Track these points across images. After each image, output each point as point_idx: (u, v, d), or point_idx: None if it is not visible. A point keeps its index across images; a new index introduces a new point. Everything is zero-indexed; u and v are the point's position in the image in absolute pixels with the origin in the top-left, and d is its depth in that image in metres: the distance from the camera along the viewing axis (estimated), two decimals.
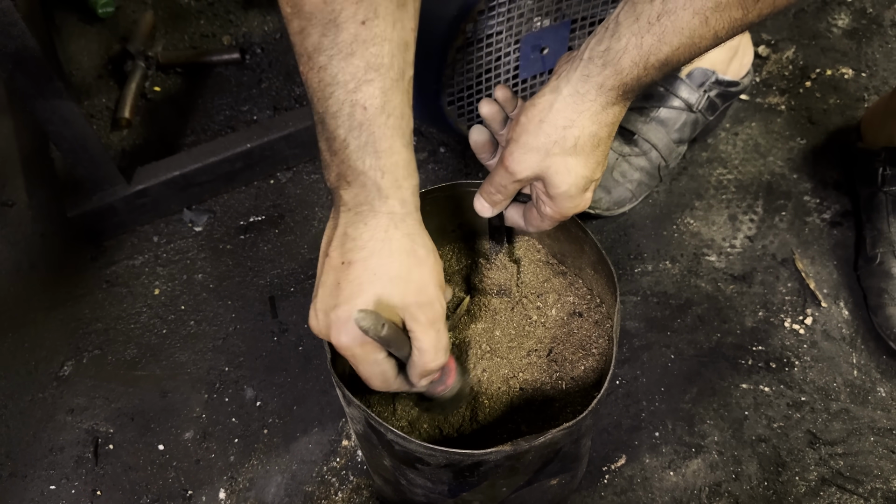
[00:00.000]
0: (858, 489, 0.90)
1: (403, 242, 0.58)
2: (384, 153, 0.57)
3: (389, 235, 0.58)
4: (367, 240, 0.57)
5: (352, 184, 0.58)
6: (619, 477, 0.91)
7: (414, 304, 0.58)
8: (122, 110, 1.22)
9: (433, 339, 0.59)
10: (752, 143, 1.22)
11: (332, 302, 0.57)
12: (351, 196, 0.58)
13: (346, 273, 0.57)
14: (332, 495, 0.90)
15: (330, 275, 0.58)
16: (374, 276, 0.57)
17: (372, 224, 0.58)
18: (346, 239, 0.58)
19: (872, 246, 1.04)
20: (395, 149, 0.58)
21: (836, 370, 0.99)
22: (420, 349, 0.59)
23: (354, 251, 0.57)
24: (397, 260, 0.58)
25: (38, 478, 0.91)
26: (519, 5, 0.90)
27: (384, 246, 0.57)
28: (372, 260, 0.57)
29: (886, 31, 1.37)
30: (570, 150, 0.62)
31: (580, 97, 0.60)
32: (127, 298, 1.06)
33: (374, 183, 0.57)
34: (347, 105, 0.55)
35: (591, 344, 0.78)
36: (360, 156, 0.56)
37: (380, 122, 0.56)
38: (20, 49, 0.85)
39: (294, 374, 0.99)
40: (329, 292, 0.58)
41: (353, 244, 0.57)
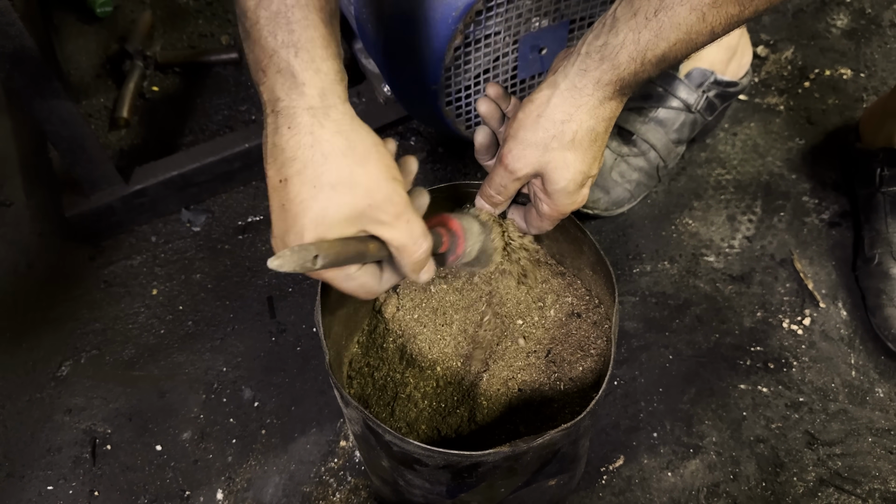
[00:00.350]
0: (856, 490, 0.90)
1: (335, 142, 0.52)
2: (297, 24, 0.51)
3: (317, 138, 0.52)
4: (295, 148, 0.52)
5: (267, 71, 0.52)
6: (618, 477, 0.91)
7: (368, 208, 0.53)
8: (121, 110, 1.22)
9: (405, 234, 0.55)
10: (751, 143, 1.22)
11: (283, 227, 0.53)
12: (268, 89, 0.52)
13: (285, 192, 0.52)
14: (330, 496, 0.90)
15: (274, 198, 0.54)
16: (314, 188, 0.52)
17: (295, 127, 0.52)
18: (275, 150, 0.53)
19: (871, 246, 1.04)
20: (311, 21, 0.52)
21: (835, 371, 0.99)
22: (396, 248, 0.55)
23: (286, 165, 0.52)
24: (333, 164, 0.52)
25: (36, 478, 0.91)
26: (517, 5, 0.90)
27: (314, 151, 0.52)
28: (306, 171, 0.52)
29: (885, 32, 1.37)
30: (568, 145, 0.62)
31: (577, 91, 0.60)
32: (125, 298, 1.06)
33: (287, 65, 0.51)
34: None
35: (589, 344, 0.78)
36: (272, 29, 0.51)
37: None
38: (18, 49, 0.85)
39: (292, 375, 0.99)
40: (278, 216, 0.53)
41: (282, 156, 0.52)
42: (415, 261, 0.56)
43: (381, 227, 0.54)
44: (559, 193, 0.65)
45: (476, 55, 0.94)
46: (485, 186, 0.69)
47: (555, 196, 0.66)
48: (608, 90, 0.60)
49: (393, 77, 1.02)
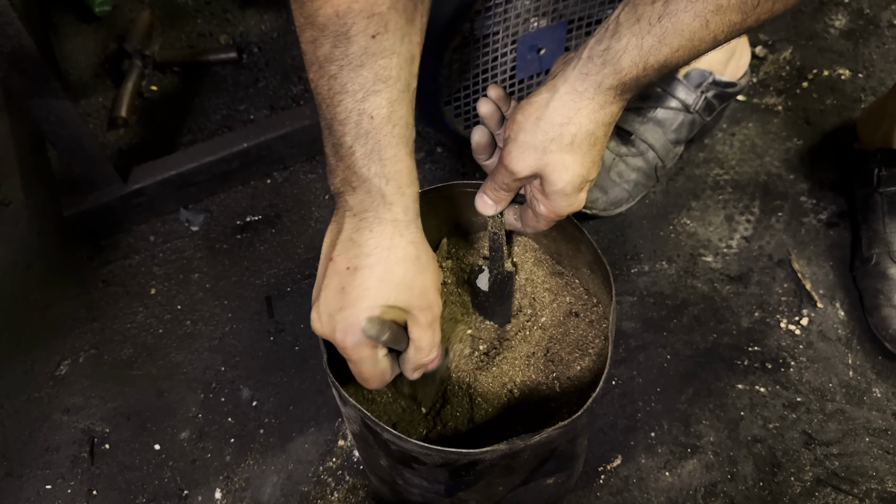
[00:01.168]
0: (853, 490, 0.90)
1: (408, 250, 0.60)
2: (389, 161, 0.58)
3: (394, 243, 0.59)
4: (374, 247, 0.59)
5: (357, 189, 0.59)
6: (615, 477, 0.91)
7: (416, 308, 0.61)
8: (119, 109, 1.22)
9: (430, 339, 0.63)
10: (749, 143, 1.22)
11: (337, 305, 0.59)
12: (356, 201, 0.59)
13: (351, 278, 0.59)
14: (329, 495, 0.90)
15: (334, 279, 0.60)
16: (381, 282, 0.59)
17: (377, 231, 0.59)
18: (352, 245, 0.59)
19: (868, 247, 1.04)
20: (400, 157, 0.59)
21: (832, 371, 0.99)
22: (418, 347, 0.63)
23: (360, 258, 0.59)
24: (402, 267, 0.60)
25: (34, 477, 0.91)
26: (516, 6, 0.90)
27: (390, 254, 0.59)
28: (378, 267, 0.59)
29: (883, 32, 1.37)
30: (566, 148, 0.62)
31: (578, 95, 0.61)
32: (123, 298, 1.06)
33: (378, 190, 0.58)
34: (355, 114, 0.57)
35: (587, 344, 0.78)
36: (366, 163, 0.58)
37: (385, 132, 0.58)
38: (16, 48, 0.85)
39: (290, 374, 0.99)
40: (334, 296, 0.59)
41: (358, 251, 0.59)
42: (422, 362, 0.64)
43: (416, 327, 0.62)
44: (556, 195, 0.65)
45: (475, 55, 0.94)
46: (488, 183, 0.70)
47: (552, 197, 0.66)
48: (609, 94, 0.60)
49: None
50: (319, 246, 1.10)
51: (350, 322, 0.58)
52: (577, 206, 0.67)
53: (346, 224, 0.60)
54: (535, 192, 0.68)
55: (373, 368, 0.62)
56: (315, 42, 0.55)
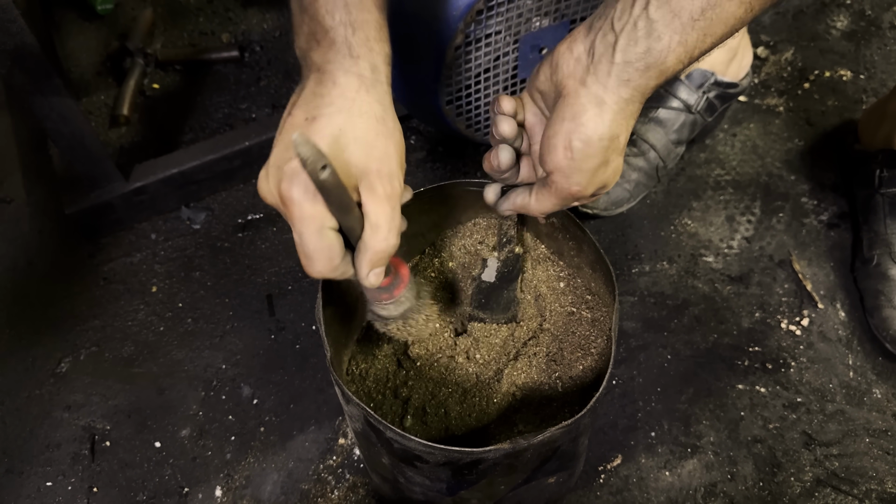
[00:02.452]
0: (853, 490, 0.90)
1: (374, 107, 0.56)
2: (354, 7, 0.55)
3: (359, 97, 0.55)
4: (336, 97, 0.54)
5: (321, 42, 0.55)
6: (615, 476, 0.91)
7: (374, 172, 0.54)
8: (121, 107, 1.22)
9: (388, 215, 0.55)
10: (750, 144, 1.22)
11: (288, 155, 0.53)
12: (320, 56, 0.55)
13: (307, 128, 0.54)
14: (329, 493, 0.90)
15: (288, 133, 0.55)
16: (339, 130, 0.53)
17: (342, 83, 0.55)
18: (313, 97, 0.55)
19: (869, 248, 1.04)
20: (366, 5, 0.55)
21: (832, 371, 1.00)
22: (373, 224, 0.54)
23: (320, 108, 0.54)
24: (364, 121, 0.55)
25: (35, 474, 0.91)
26: (518, 5, 0.90)
27: (352, 105, 0.54)
28: (338, 116, 0.54)
29: (885, 34, 1.37)
30: (620, 151, 0.61)
31: (626, 102, 0.57)
32: (124, 296, 1.06)
33: (344, 40, 0.54)
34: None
35: (589, 343, 0.78)
36: (330, 9, 0.54)
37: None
38: (19, 46, 0.85)
39: (291, 373, 0.99)
40: (286, 147, 0.54)
41: (319, 101, 0.54)
42: (379, 249, 0.55)
43: (372, 196, 0.54)
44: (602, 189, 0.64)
45: (477, 54, 0.94)
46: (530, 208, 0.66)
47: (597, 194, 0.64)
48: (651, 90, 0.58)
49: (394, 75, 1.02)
50: None
51: (297, 170, 0.51)
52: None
53: (310, 80, 0.56)
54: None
55: (317, 238, 0.53)
56: None
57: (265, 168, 0.55)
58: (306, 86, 0.56)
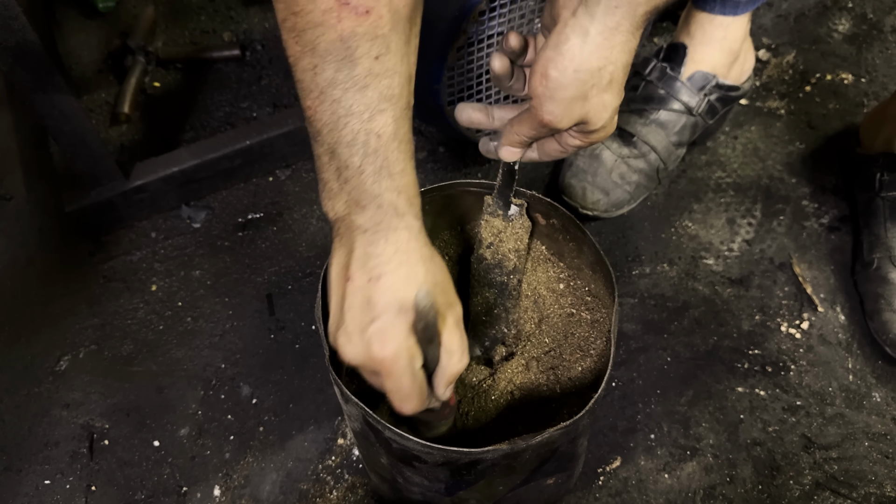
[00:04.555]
0: (852, 494, 0.90)
1: (425, 252, 0.59)
2: (398, 175, 0.58)
3: (412, 246, 0.58)
4: (392, 253, 0.57)
5: (366, 207, 0.58)
6: (614, 478, 0.91)
7: (443, 306, 0.59)
8: (122, 105, 1.22)
9: (459, 340, 0.60)
10: (752, 146, 1.22)
11: (367, 318, 0.56)
12: (366, 219, 0.58)
13: (376, 287, 0.57)
14: (327, 493, 0.90)
15: (356, 295, 0.57)
16: (407, 282, 0.57)
17: (393, 239, 0.58)
18: (368, 258, 0.58)
19: (870, 251, 1.04)
20: (407, 171, 0.59)
21: (832, 375, 1.00)
22: (449, 350, 0.59)
23: (380, 266, 0.57)
24: (424, 266, 0.58)
25: (33, 472, 0.91)
26: (520, 6, 0.90)
27: (409, 256, 0.58)
28: (401, 270, 0.57)
29: (887, 37, 1.37)
30: (606, 88, 0.61)
31: (610, 32, 0.59)
32: (124, 294, 1.06)
33: (390, 203, 0.58)
34: (363, 134, 0.56)
35: (588, 345, 0.78)
36: (377, 179, 0.57)
37: (393, 148, 0.57)
38: (20, 43, 0.85)
39: (290, 372, 0.99)
40: (360, 311, 0.57)
41: (377, 260, 0.57)
42: (455, 371, 0.60)
43: (445, 327, 0.59)
44: (597, 132, 0.65)
45: (479, 55, 0.94)
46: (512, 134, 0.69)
47: (591, 135, 0.66)
48: (641, 20, 0.58)
49: None
50: (321, 244, 1.11)
51: (385, 330, 0.55)
52: (612, 130, 0.67)
53: (357, 242, 0.58)
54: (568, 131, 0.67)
55: (413, 381, 0.58)
56: (315, 69, 0.55)
57: (344, 334, 0.58)
58: (355, 247, 0.58)
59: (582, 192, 1.08)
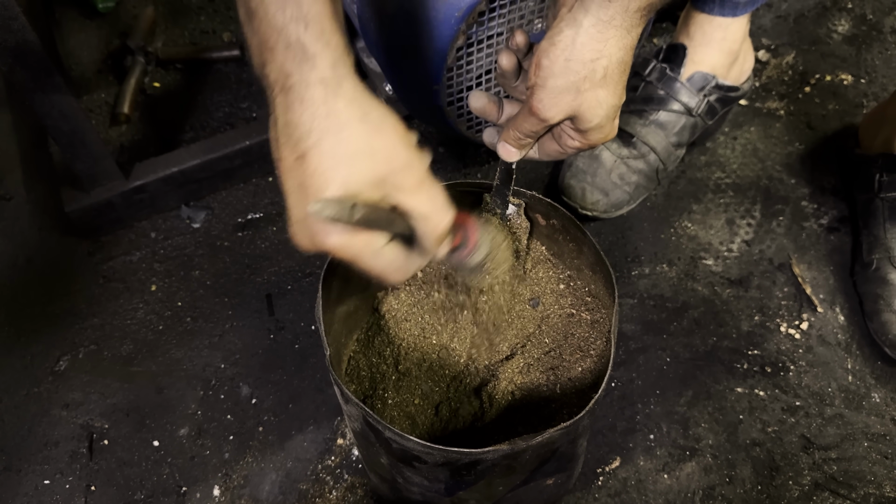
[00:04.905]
0: (851, 494, 0.90)
1: (350, 111, 0.51)
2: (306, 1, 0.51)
3: (330, 108, 0.51)
4: (310, 120, 0.50)
5: (274, 49, 0.51)
6: (613, 479, 0.91)
7: (389, 175, 0.52)
8: (121, 106, 1.22)
9: (428, 200, 0.54)
10: (751, 147, 1.22)
11: (303, 206, 0.51)
12: (276, 67, 0.51)
13: (303, 168, 0.51)
14: (327, 493, 0.90)
15: (290, 178, 0.52)
16: (333, 159, 0.50)
17: (307, 99, 0.50)
18: (289, 128, 0.51)
19: (869, 252, 1.04)
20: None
21: (831, 375, 1.00)
22: (420, 216, 0.53)
23: (302, 140, 0.50)
24: (351, 132, 0.51)
25: (33, 472, 0.91)
26: (520, 7, 0.90)
27: (330, 122, 0.50)
28: (324, 142, 0.50)
29: (886, 38, 1.37)
30: (599, 83, 0.60)
31: (604, 25, 0.58)
32: (123, 294, 1.06)
33: (297, 39, 0.50)
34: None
35: (588, 345, 0.78)
36: (280, 4, 0.50)
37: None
38: (20, 43, 0.85)
39: (290, 372, 0.99)
40: (297, 198, 0.51)
41: (297, 132, 0.51)
42: (439, 232, 0.54)
43: (404, 195, 0.53)
44: (593, 130, 0.64)
45: (478, 56, 0.94)
46: (511, 130, 0.67)
47: (588, 133, 0.64)
48: (636, 17, 0.58)
49: (395, 76, 1.02)
50: None
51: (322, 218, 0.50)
52: (612, 134, 0.66)
53: (277, 107, 0.52)
54: (565, 129, 0.66)
55: (378, 260, 0.52)
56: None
57: (292, 224, 0.53)
58: (277, 114, 0.52)
59: (581, 193, 1.08)
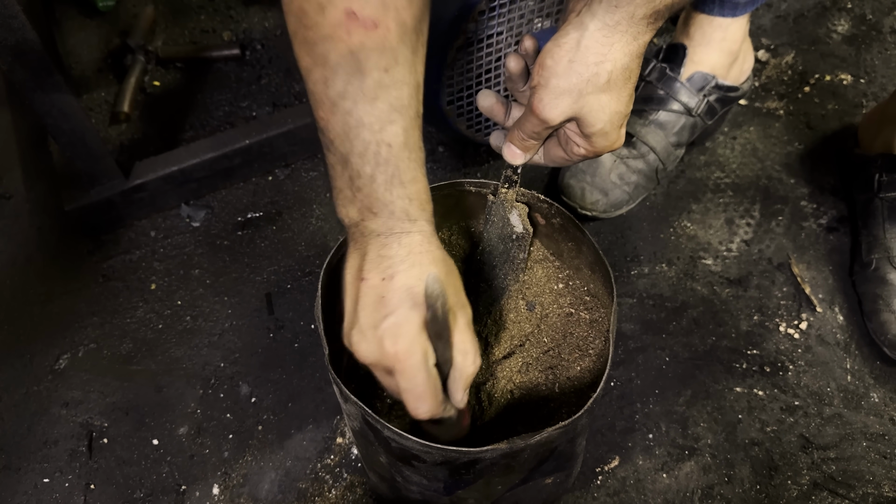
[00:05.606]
0: (850, 494, 0.90)
1: (438, 254, 0.59)
2: (409, 183, 0.58)
3: (425, 248, 0.58)
4: (406, 254, 0.58)
5: (378, 214, 0.58)
6: (612, 478, 0.91)
7: (454, 305, 0.58)
8: (121, 104, 1.22)
9: (471, 341, 0.59)
10: (750, 147, 1.22)
11: (380, 315, 0.56)
12: (379, 224, 0.59)
13: (389, 286, 0.57)
14: (326, 492, 0.90)
15: (370, 294, 0.57)
16: (419, 280, 0.56)
17: (406, 242, 0.58)
18: (382, 259, 0.58)
19: (868, 252, 1.04)
20: (418, 178, 0.59)
21: (830, 375, 1.00)
22: (463, 351, 0.58)
23: (393, 266, 0.57)
24: (436, 267, 0.58)
25: (32, 471, 0.91)
26: (520, 6, 0.90)
27: (422, 257, 0.58)
28: (414, 270, 0.57)
29: (886, 38, 1.37)
30: (603, 87, 0.61)
31: (610, 29, 0.59)
32: (123, 293, 1.06)
33: (402, 210, 0.58)
34: (373, 144, 0.57)
35: (587, 344, 0.78)
36: (388, 188, 0.58)
37: (403, 157, 0.58)
38: (20, 42, 0.85)
39: (289, 371, 0.99)
40: (373, 309, 0.57)
41: (390, 261, 0.57)
42: (470, 372, 0.59)
43: (457, 328, 0.58)
44: (597, 136, 0.65)
45: (478, 55, 0.94)
46: (515, 131, 0.68)
47: (592, 139, 0.65)
48: (642, 24, 0.59)
49: None
50: (320, 243, 1.11)
51: (398, 324, 0.55)
52: (619, 143, 0.67)
53: (371, 245, 0.58)
54: (570, 135, 0.67)
55: (427, 378, 0.57)
56: (326, 81, 0.56)
57: (358, 332, 0.57)
58: (369, 250, 0.58)
59: (581, 193, 1.08)
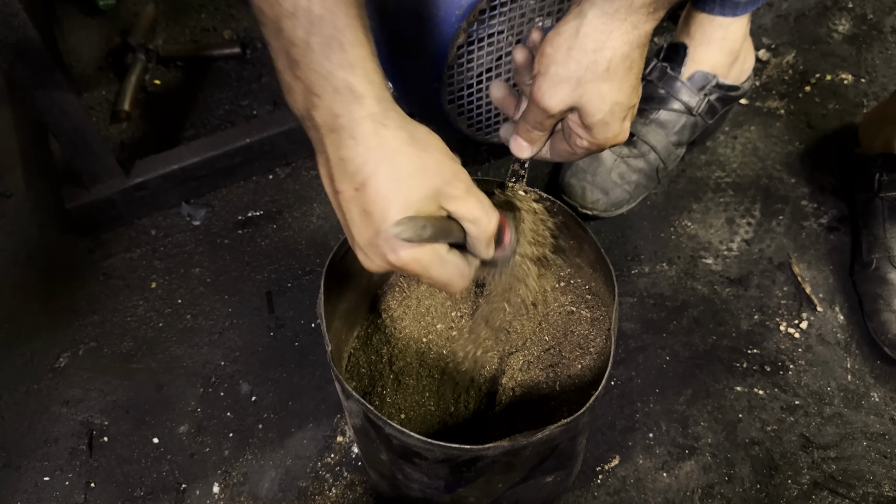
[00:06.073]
0: (850, 493, 0.90)
1: (398, 137, 0.55)
2: (350, 45, 0.53)
3: (383, 137, 0.54)
4: (364, 153, 0.53)
5: (322, 94, 0.54)
6: (613, 477, 0.91)
7: (441, 186, 0.55)
8: (122, 103, 1.22)
9: (477, 205, 0.57)
10: (751, 146, 1.22)
11: (369, 231, 0.54)
12: (325, 111, 0.54)
13: (364, 196, 0.54)
14: (326, 491, 0.90)
15: (351, 208, 0.55)
16: (391, 182, 0.53)
17: (359, 134, 0.54)
18: (344, 163, 0.54)
19: (868, 251, 1.04)
20: (360, 40, 0.54)
21: (831, 374, 1.00)
22: (473, 220, 0.57)
23: (359, 171, 0.54)
24: (404, 155, 0.54)
25: (32, 469, 0.91)
26: (521, 5, 0.90)
27: (383, 151, 0.54)
28: (381, 169, 0.53)
29: (886, 38, 1.37)
30: (602, 75, 0.60)
31: (609, 17, 0.58)
32: (124, 291, 1.06)
33: (345, 83, 0.53)
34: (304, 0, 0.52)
35: (588, 343, 0.78)
36: (326, 53, 0.53)
37: (341, 12, 0.53)
38: (21, 40, 0.85)
39: (290, 370, 0.99)
40: (362, 224, 0.55)
41: (353, 165, 0.54)
42: (489, 233, 0.58)
43: (456, 202, 0.56)
44: (598, 127, 0.63)
45: (479, 54, 0.94)
46: (521, 123, 0.67)
47: (594, 130, 0.64)
48: (641, 13, 0.58)
49: (395, 74, 1.02)
50: (321, 242, 1.11)
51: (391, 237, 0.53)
52: (622, 136, 0.65)
53: (328, 146, 0.55)
54: (573, 126, 0.65)
55: (444, 270, 0.56)
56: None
57: (358, 250, 0.57)
58: (328, 153, 0.55)
59: (581, 192, 1.08)
